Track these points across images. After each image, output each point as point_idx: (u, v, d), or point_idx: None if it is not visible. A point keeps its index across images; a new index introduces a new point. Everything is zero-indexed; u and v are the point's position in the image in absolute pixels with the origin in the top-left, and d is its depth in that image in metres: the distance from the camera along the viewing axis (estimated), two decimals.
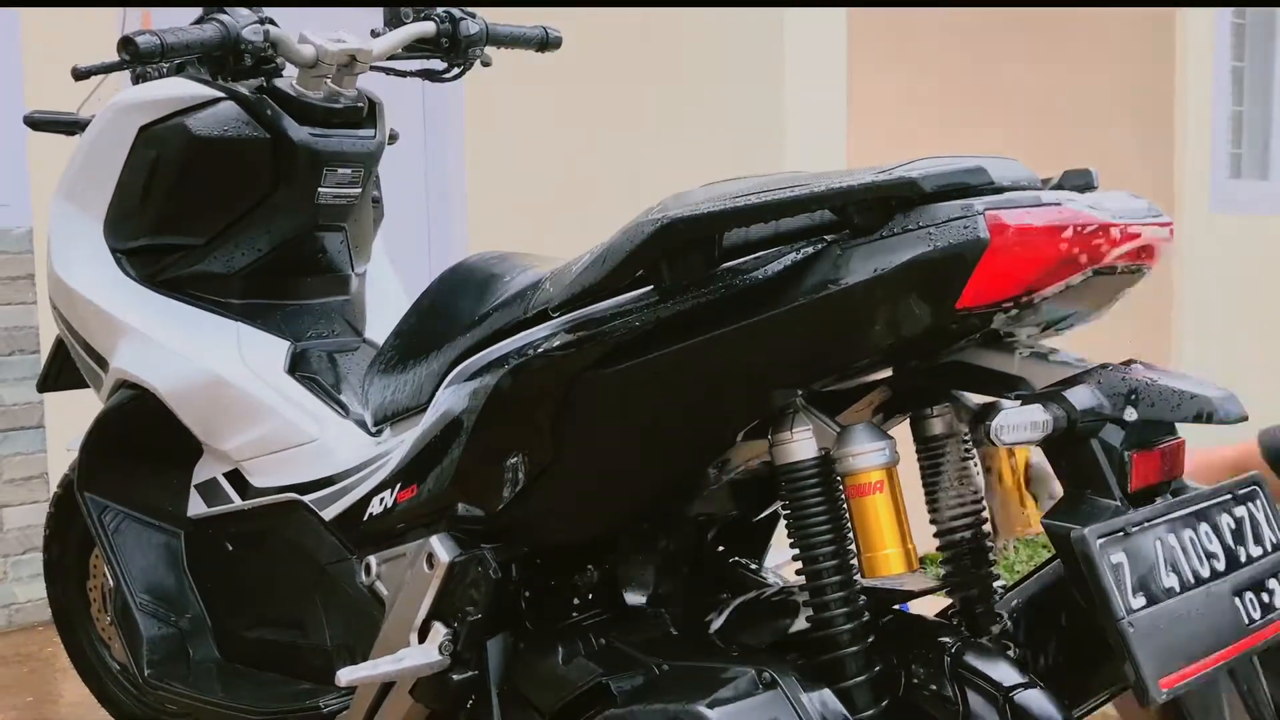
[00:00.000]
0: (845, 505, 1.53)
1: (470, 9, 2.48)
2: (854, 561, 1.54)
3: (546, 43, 2.63)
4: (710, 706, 1.47)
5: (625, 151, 4.12)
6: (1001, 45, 5.12)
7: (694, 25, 3.97)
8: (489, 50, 2.57)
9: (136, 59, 2.09)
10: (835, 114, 3.85)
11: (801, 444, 1.54)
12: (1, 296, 3.71)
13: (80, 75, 2.58)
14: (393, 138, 2.63)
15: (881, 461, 1.50)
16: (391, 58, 2.41)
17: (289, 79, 2.31)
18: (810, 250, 1.47)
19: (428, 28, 2.41)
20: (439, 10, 2.44)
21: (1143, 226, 1.45)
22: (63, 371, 2.72)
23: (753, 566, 2.04)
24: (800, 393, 1.55)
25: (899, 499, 1.51)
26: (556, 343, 1.67)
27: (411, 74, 2.57)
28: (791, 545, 1.58)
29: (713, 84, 3.93)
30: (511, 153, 4.41)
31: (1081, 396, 1.38)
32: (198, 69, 2.34)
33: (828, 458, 1.54)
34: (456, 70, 2.53)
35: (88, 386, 2.62)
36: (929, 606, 1.89)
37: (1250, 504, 1.51)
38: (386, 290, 2.62)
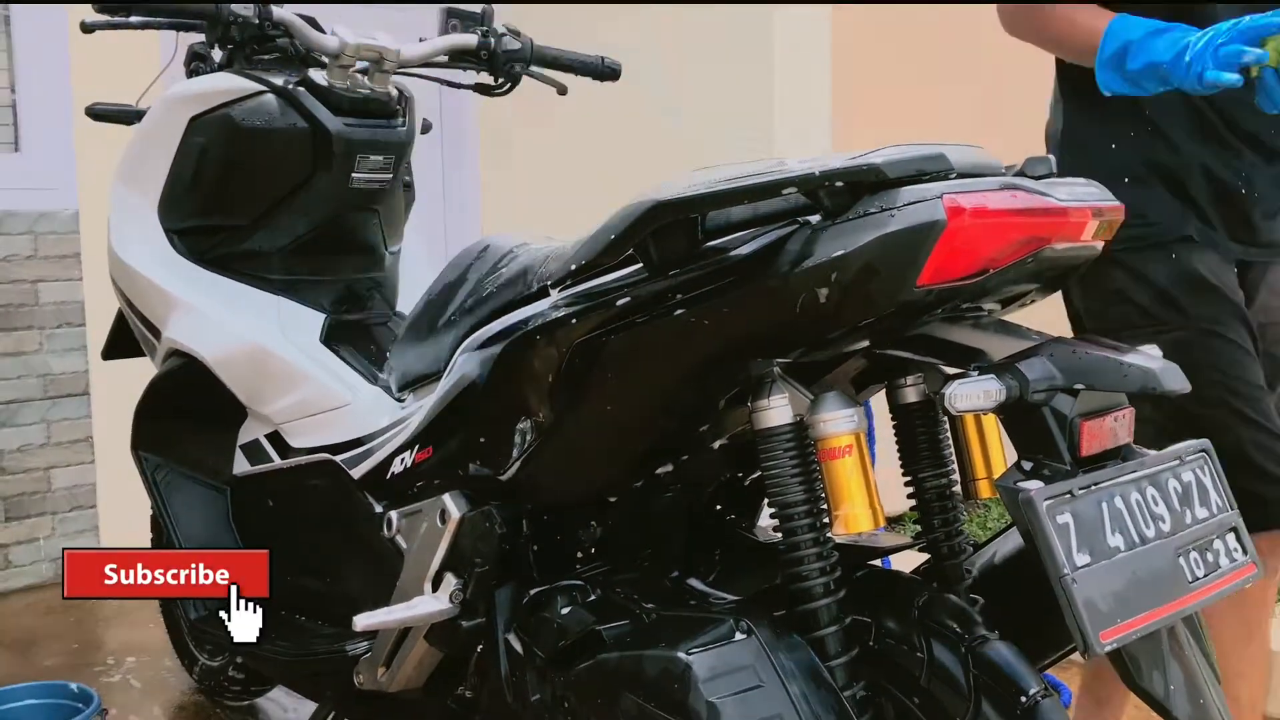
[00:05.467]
0: (818, 467, 1.51)
1: (516, 28, 2.43)
2: (827, 520, 1.52)
3: (602, 72, 2.56)
4: (689, 652, 1.46)
5: (626, 143, 4.10)
6: (978, 43, 5.05)
7: (692, 25, 3.93)
8: (563, 78, 2.52)
9: (104, 9, 2.08)
10: (821, 109, 3.81)
11: (777, 410, 1.52)
12: (50, 273, 3.72)
13: (87, 29, 2.53)
14: (425, 128, 2.61)
15: (851, 427, 1.49)
16: (436, 66, 2.39)
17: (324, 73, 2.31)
18: (784, 231, 1.45)
19: (468, 40, 2.39)
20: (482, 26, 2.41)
21: (1093, 208, 1.43)
22: (123, 341, 2.73)
23: (745, 525, 2.02)
24: (777, 363, 1.53)
25: (866, 461, 1.50)
26: (555, 316, 1.67)
27: (466, 86, 2.55)
28: (769, 505, 1.56)
29: (708, 79, 3.90)
30: (521, 143, 4.40)
31: (1033, 368, 1.36)
32: (242, 63, 2.34)
33: (802, 424, 1.52)
34: (507, 86, 2.49)
35: (145, 355, 2.63)
36: (903, 564, 1.87)
37: (1198, 469, 1.48)
38: (418, 268, 2.62)
